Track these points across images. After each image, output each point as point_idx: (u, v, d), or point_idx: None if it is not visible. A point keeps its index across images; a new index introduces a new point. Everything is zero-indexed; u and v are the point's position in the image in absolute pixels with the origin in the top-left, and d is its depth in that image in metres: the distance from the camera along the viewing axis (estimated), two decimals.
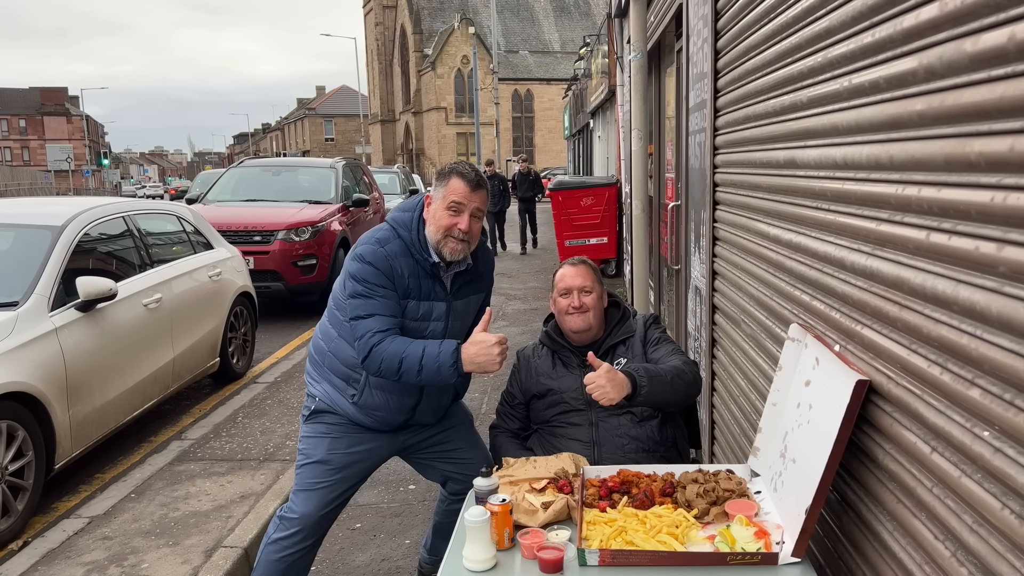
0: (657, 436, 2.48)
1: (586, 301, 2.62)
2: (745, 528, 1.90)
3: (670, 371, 2.47)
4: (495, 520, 1.94)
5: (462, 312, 2.67)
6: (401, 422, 2.71)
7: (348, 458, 2.66)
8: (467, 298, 2.69)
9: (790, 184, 2.33)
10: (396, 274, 2.52)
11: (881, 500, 1.70)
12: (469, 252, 2.58)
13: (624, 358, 2.59)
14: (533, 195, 15.26)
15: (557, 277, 2.73)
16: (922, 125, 1.46)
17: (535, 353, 2.75)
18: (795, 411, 2.12)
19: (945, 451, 1.41)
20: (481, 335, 2.44)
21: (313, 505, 2.63)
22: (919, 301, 1.49)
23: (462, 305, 2.67)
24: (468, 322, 2.72)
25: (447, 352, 2.42)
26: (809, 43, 2.13)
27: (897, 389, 1.61)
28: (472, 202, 2.51)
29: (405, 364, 2.42)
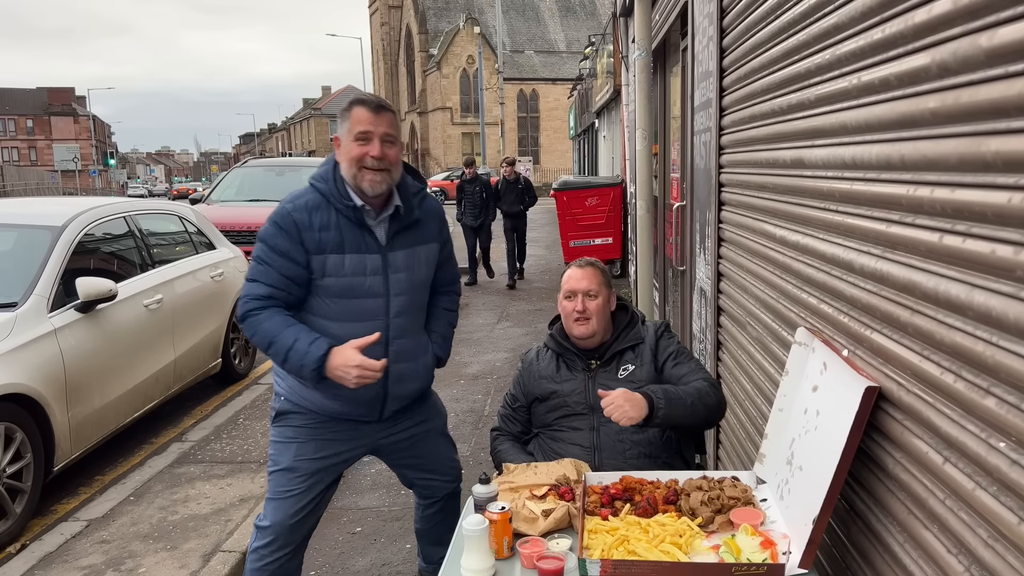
0: (660, 441, 2.43)
1: (590, 306, 2.54)
2: (751, 538, 1.84)
3: (691, 394, 2.37)
4: (494, 528, 1.89)
5: (405, 265, 2.49)
6: (373, 398, 2.51)
7: (316, 464, 2.55)
8: (410, 249, 2.51)
9: (797, 184, 2.28)
10: (305, 227, 2.36)
11: (891, 510, 1.65)
12: (392, 182, 2.40)
13: (632, 365, 2.52)
14: (523, 208, 11.28)
15: (564, 278, 2.68)
16: (935, 123, 1.40)
17: (539, 356, 2.69)
18: (802, 417, 2.07)
19: (959, 462, 1.36)
20: (351, 352, 2.30)
21: (284, 513, 2.53)
22: (931, 306, 1.44)
23: (404, 257, 2.49)
24: (420, 276, 2.56)
25: (314, 356, 2.30)
26: (817, 40, 2.08)
27: (908, 396, 1.56)
28: (379, 126, 2.35)
29: (273, 348, 2.34)
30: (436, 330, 2.69)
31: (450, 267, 2.75)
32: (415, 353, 2.58)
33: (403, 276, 2.49)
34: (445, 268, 2.70)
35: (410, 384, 2.59)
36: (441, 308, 2.73)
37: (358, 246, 2.41)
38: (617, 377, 2.49)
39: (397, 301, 2.49)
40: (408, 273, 2.50)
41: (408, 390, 2.60)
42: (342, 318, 2.43)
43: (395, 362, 2.48)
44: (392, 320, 2.48)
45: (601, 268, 2.65)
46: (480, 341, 7.61)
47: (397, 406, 2.61)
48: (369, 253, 2.43)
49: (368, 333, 2.39)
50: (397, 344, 2.50)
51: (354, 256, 2.41)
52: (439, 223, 2.65)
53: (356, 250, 2.41)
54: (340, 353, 2.30)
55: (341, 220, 2.39)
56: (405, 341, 2.53)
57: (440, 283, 2.71)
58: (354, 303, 2.44)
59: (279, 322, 2.35)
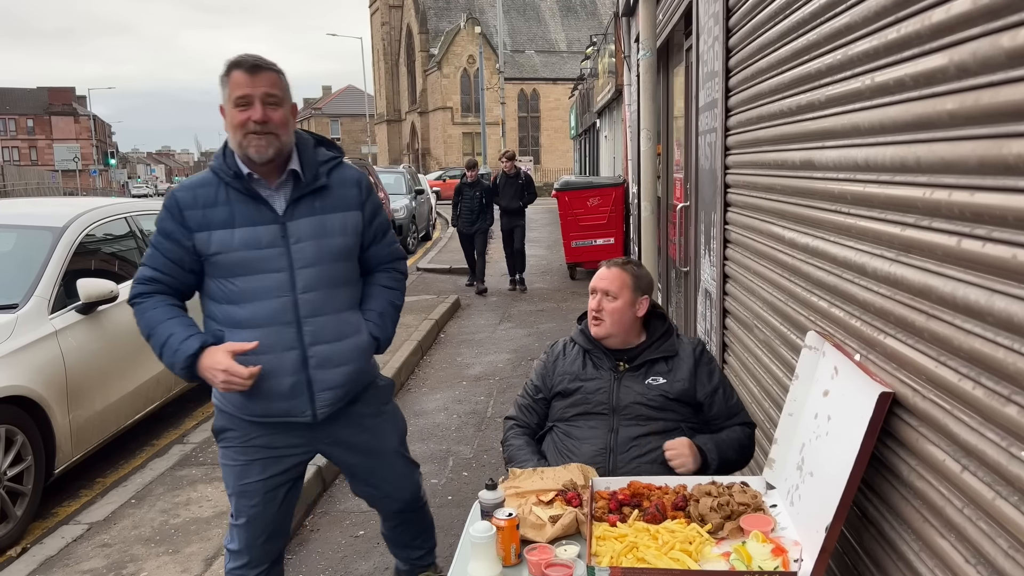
0: None
1: (605, 307, 2.46)
2: (762, 545, 1.82)
3: (736, 449, 2.42)
4: (501, 536, 1.86)
5: (310, 233, 2.27)
6: (293, 388, 2.29)
7: (265, 484, 2.41)
8: (316, 217, 2.29)
9: (807, 186, 2.25)
10: (187, 205, 2.23)
11: (905, 518, 1.62)
12: (281, 146, 2.20)
13: (663, 378, 2.43)
14: (522, 205, 10.47)
15: None
16: (953, 125, 1.38)
17: (565, 349, 2.60)
18: (812, 422, 2.04)
19: (978, 470, 1.33)
20: (221, 355, 2.16)
21: (249, 535, 2.44)
22: (948, 311, 1.41)
23: (308, 226, 2.27)
24: (333, 245, 2.32)
25: (184, 354, 2.17)
26: (827, 40, 2.06)
27: (924, 403, 1.53)
28: (258, 87, 2.15)
29: (152, 341, 2.24)
30: (371, 308, 2.46)
31: (387, 241, 2.50)
32: (340, 333, 2.34)
33: (308, 246, 2.27)
34: (380, 242, 2.47)
35: (338, 369, 2.34)
36: (378, 285, 2.50)
37: (250, 218, 2.24)
38: (645, 384, 2.42)
39: (304, 274, 2.27)
40: (315, 242, 2.28)
41: (337, 377, 2.35)
42: (244, 299, 2.26)
43: (314, 343, 2.29)
44: (301, 296, 2.27)
45: (633, 273, 2.52)
46: (482, 342, 7.59)
47: (331, 399, 2.37)
48: (263, 224, 2.24)
49: (274, 313, 2.25)
50: (312, 324, 2.29)
51: (245, 229, 2.23)
52: (359, 190, 2.40)
53: (248, 223, 2.23)
54: (211, 355, 2.17)
55: (232, 194, 2.24)
56: (323, 320, 2.30)
57: (376, 259, 2.49)
58: (253, 280, 2.25)
59: (160, 313, 2.23)
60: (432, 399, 5.82)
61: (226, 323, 2.28)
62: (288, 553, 3.59)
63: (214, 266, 2.26)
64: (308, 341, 2.29)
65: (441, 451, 4.73)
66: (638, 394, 2.40)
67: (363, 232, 2.40)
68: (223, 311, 2.28)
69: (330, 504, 4.08)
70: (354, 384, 2.43)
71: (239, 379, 2.15)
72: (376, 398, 2.57)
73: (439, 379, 6.36)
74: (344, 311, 2.37)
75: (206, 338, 2.22)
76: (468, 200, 10.31)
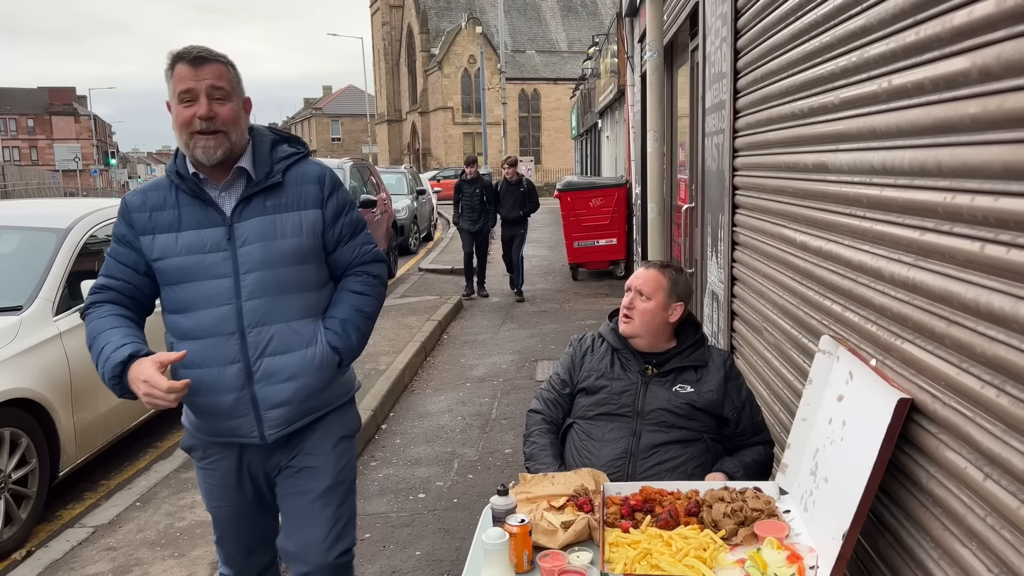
0: (699, 459, 2.36)
1: (637, 306, 2.42)
2: (777, 552, 1.80)
3: (760, 472, 2.39)
4: (514, 542, 1.85)
5: (258, 235, 2.06)
6: (235, 405, 2.09)
7: (231, 509, 2.26)
8: (267, 217, 2.09)
9: (820, 189, 2.24)
10: (135, 208, 2.09)
11: (924, 525, 1.61)
12: (231, 145, 2.02)
13: (691, 387, 2.40)
14: (523, 214, 9.87)
15: None
16: (975, 129, 1.36)
17: (594, 346, 2.56)
18: (826, 427, 2.03)
19: (1001, 479, 1.32)
20: (146, 365, 1.92)
21: (227, 551, 2.33)
22: (971, 317, 1.40)
23: (256, 226, 2.07)
24: (284, 247, 2.09)
25: (112, 363, 1.95)
26: (841, 42, 2.04)
27: (944, 409, 1.52)
28: (202, 80, 1.96)
29: (92, 351, 2.03)
30: (333, 315, 2.19)
31: (357, 242, 2.24)
32: (289, 343, 2.10)
33: (255, 248, 2.06)
34: (348, 243, 2.22)
35: (285, 384, 2.11)
36: (345, 291, 2.23)
37: (196, 221, 2.07)
38: (672, 391, 2.39)
39: (250, 280, 2.06)
40: (264, 244, 2.07)
41: (285, 393, 2.11)
42: (188, 307, 2.08)
43: (259, 356, 2.08)
44: (245, 304, 2.06)
45: (671, 277, 2.46)
46: (485, 343, 7.57)
47: (281, 418, 2.13)
48: (210, 227, 2.06)
49: (216, 322, 2.06)
50: (257, 334, 2.07)
51: (190, 233, 2.06)
52: (319, 187, 2.17)
53: (193, 226, 2.07)
54: (138, 365, 1.94)
55: (181, 197, 2.08)
56: (270, 329, 2.08)
57: (344, 261, 2.23)
58: (196, 288, 2.07)
59: (105, 322, 2.05)
60: (436, 401, 5.81)
61: (174, 334, 2.13)
62: None
63: (160, 272, 2.10)
64: (252, 353, 2.07)
65: (446, 453, 4.72)
66: (664, 400, 2.37)
67: (324, 232, 2.17)
68: (170, 321, 2.13)
69: None
70: (310, 402, 2.16)
71: (158, 392, 1.90)
72: (338, 424, 2.28)
73: (443, 380, 6.35)
74: (296, 319, 2.12)
75: (140, 347, 1.99)
76: (468, 198, 9.81)
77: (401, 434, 5.09)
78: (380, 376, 5.97)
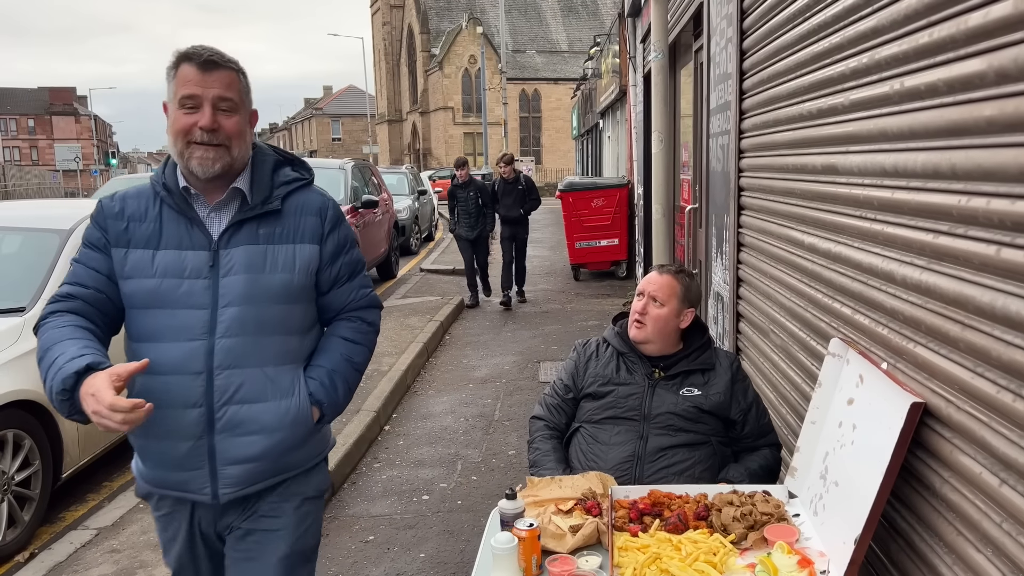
0: (706, 462, 2.35)
1: (651, 312, 2.41)
2: (788, 556, 1.79)
3: (767, 477, 2.36)
4: (523, 546, 1.84)
5: (246, 265, 1.81)
6: (190, 454, 1.80)
7: (188, 571, 1.99)
8: (259, 247, 1.84)
9: (829, 191, 2.22)
10: (112, 215, 1.84)
11: (938, 530, 1.60)
12: (232, 160, 1.80)
13: (698, 390, 2.39)
14: (523, 212, 9.42)
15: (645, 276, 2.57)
16: (991, 132, 1.35)
17: (599, 351, 2.54)
18: (836, 431, 2.01)
19: (1018, 484, 1.31)
20: (101, 379, 1.58)
21: None
22: (987, 321, 1.39)
23: (245, 256, 1.82)
24: (274, 283, 1.84)
25: (67, 372, 1.61)
26: (852, 43, 2.03)
27: (958, 414, 1.51)
28: (210, 88, 1.76)
29: (42, 365, 1.70)
30: (320, 363, 1.93)
31: (354, 285, 2.01)
32: (263, 391, 1.82)
33: (240, 280, 1.80)
34: (345, 284, 1.98)
35: (252, 439, 1.82)
36: (335, 337, 1.99)
37: (178, 241, 1.81)
38: (679, 394, 2.38)
39: (228, 314, 1.79)
40: (250, 276, 1.81)
41: (251, 448, 1.82)
42: (153, 337, 1.79)
43: (225, 402, 1.79)
44: (219, 341, 1.78)
45: (685, 283, 2.45)
46: (487, 344, 7.56)
47: (240, 477, 1.83)
48: (192, 250, 1.81)
49: (182, 358, 1.77)
50: (227, 376, 1.79)
51: (169, 253, 1.80)
52: (320, 220, 1.93)
53: (174, 245, 1.80)
54: (93, 377, 1.60)
55: (164, 210, 1.83)
56: (242, 373, 1.80)
57: (337, 305, 1.99)
58: (168, 316, 1.79)
59: (64, 332, 1.73)
60: (439, 402, 5.80)
61: None
62: None
63: (128, 295, 1.83)
64: (218, 398, 1.79)
65: (449, 455, 4.71)
66: (671, 404, 2.36)
67: (320, 270, 1.93)
68: (131, 351, 1.84)
69: (339, 509, 4.05)
70: (279, 462, 1.88)
71: (106, 411, 1.55)
72: (304, 484, 1.98)
73: (445, 381, 6.34)
74: (273, 365, 1.84)
75: (101, 360, 1.66)
76: (463, 202, 9.25)
77: (404, 435, 5.08)
78: (383, 377, 5.96)
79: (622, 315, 2.58)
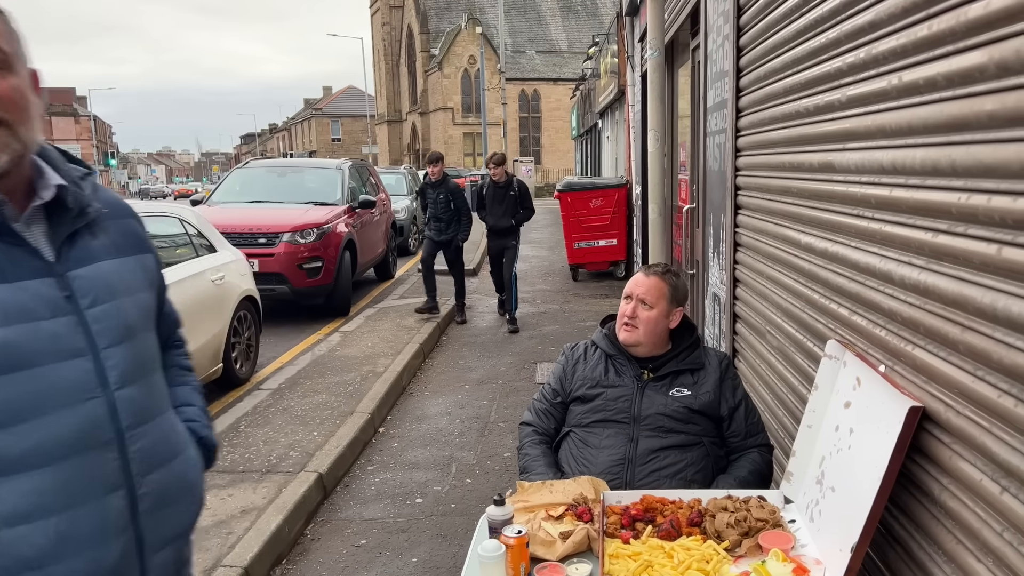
0: (699, 464, 2.31)
1: (640, 315, 2.38)
2: (783, 564, 1.74)
3: (758, 483, 2.31)
4: (510, 554, 1.79)
5: (108, 289, 1.34)
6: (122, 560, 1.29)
7: None
8: (111, 263, 1.37)
9: (826, 189, 2.18)
10: None
11: (936, 538, 1.55)
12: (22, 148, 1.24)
13: (687, 390, 2.36)
14: (514, 222, 8.07)
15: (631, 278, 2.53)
16: (993, 127, 1.31)
17: (587, 354, 2.52)
18: (833, 435, 1.97)
19: (1020, 492, 1.26)
20: None
21: None
22: (987, 323, 1.34)
23: (99, 276, 1.33)
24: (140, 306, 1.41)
25: None
26: (848, 38, 1.98)
27: (958, 419, 1.46)
28: None
29: None
30: (190, 401, 1.59)
31: (169, 300, 1.63)
32: (172, 447, 1.43)
33: (110, 309, 1.33)
34: (167, 301, 1.62)
35: (180, 510, 1.43)
36: (182, 369, 1.63)
37: (7, 271, 1.22)
38: (668, 395, 2.35)
39: (116, 356, 1.32)
40: (117, 304, 1.35)
41: (178, 524, 1.43)
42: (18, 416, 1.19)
43: (145, 472, 1.33)
44: (119, 395, 1.31)
45: (672, 283, 2.43)
46: (484, 345, 7.51)
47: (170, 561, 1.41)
48: (32, 278, 1.25)
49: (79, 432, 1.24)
50: (140, 438, 1.33)
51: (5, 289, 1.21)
52: (139, 223, 1.53)
53: (7, 278, 1.22)
54: None
55: None
56: (152, 429, 1.37)
57: (169, 327, 1.62)
58: (30, 380, 1.21)
59: None
60: (434, 403, 5.75)
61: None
62: (288, 563, 3.52)
63: None
64: (137, 469, 1.32)
65: (444, 457, 4.66)
66: (661, 405, 2.32)
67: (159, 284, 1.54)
68: None
69: (331, 512, 4.00)
70: (191, 529, 1.50)
71: None
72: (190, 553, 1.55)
73: (441, 383, 6.29)
74: (166, 410, 1.46)
75: None
76: (433, 204, 8.22)
77: (399, 437, 5.03)
78: (378, 378, 5.91)
79: (610, 317, 2.55)
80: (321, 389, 5.70)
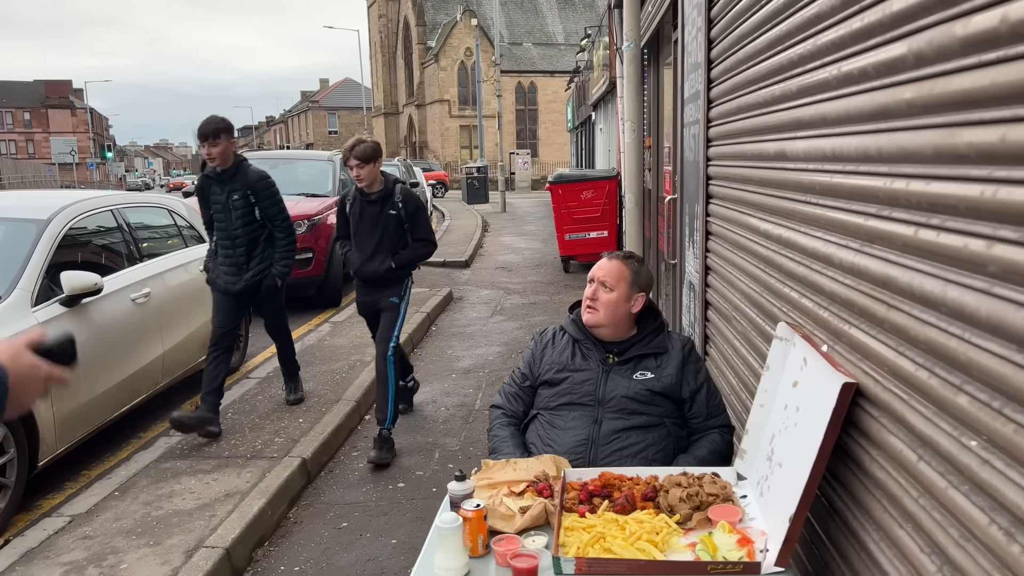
0: (660, 443, 2.39)
1: (601, 297, 2.46)
2: (728, 535, 1.82)
3: (715, 460, 2.37)
4: (468, 526, 1.86)
5: None
6: None
7: None
8: None
9: (780, 177, 2.25)
10: None
11: (868, 508, 1.62)
12: None
13: (651, 373, 2.43)
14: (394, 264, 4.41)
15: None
16: (911, 114, 1.38)
17: (555, 338, 2.60)
18: (782, 413, 2.04)
19: (932, 460, 1.33)
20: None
21: None
22: (907, 301, 1.41)
23: None
24: None
25: None
26: (799, 29, 2.05)
27: (884, 393, 1.53)
28: None
29: None
30: None
31: None
32: None
33: None
34: None
35: None
36: None
37: None
38: (632, 378, 2.42)
39: None
40: None
41: None
42: None
43: None
44: None
45: (634, 269, 2.50)
46: (473, 335, 7.58)
47: None
48: None
49: None
50: None
51: None
52: None
53: None
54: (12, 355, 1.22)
55: None
56: None
57: None
58: None
59: None
60: (421, 391, 5.81)
61: None
62: (270, 545, 3.59)
63: None
64: None
65: (428, 443, 4.73)
66: (624, 388, 2.40)
67: None
68: None
69: (314, 496, 4.08)
70: None
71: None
72: None
73: (429, 372, 6.36)
74: None
75: None
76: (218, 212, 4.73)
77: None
78: (365, 367, 5.98)
79: (578, 303, 2.62)
80: (308, 378, 5.77)
